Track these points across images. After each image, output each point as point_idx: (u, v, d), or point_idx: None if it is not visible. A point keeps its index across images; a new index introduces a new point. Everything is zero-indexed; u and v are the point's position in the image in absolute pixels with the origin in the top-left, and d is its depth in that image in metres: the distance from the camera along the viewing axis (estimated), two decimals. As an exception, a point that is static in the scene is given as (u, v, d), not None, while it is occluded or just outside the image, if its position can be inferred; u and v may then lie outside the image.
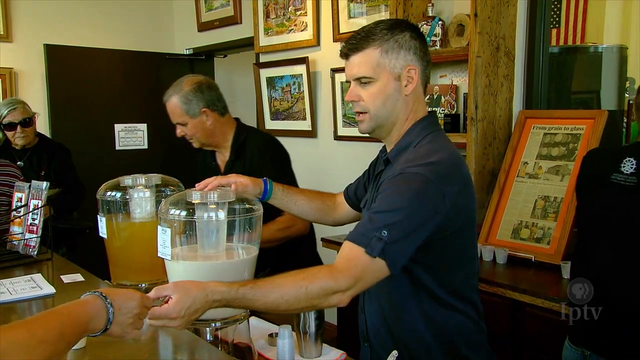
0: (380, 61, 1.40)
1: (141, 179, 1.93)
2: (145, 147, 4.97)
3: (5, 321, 1.52)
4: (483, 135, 2.68)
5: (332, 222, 1.86)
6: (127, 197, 1.90)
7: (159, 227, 1.52)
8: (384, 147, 1.56)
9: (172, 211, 1.51)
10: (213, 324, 1.48)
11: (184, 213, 1.51)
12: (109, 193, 1.90)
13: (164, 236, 1.50)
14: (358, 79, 1.43)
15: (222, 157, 2.33)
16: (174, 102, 2.20)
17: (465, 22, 2.80)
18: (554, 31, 4.52)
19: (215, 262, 1.51)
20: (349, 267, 1.28)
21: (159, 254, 1.52)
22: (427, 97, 2.98)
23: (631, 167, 1.62)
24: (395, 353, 1.20)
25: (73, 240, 3.40)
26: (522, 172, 2.65)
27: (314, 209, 1.81)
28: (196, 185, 1.59)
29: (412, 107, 1.46)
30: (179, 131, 2.26)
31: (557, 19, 4.57)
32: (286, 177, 2.15)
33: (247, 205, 1.56)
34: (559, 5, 4.15)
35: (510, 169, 2.67)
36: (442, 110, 2.93)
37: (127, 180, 1.92)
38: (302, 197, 1.80)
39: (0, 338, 0.86)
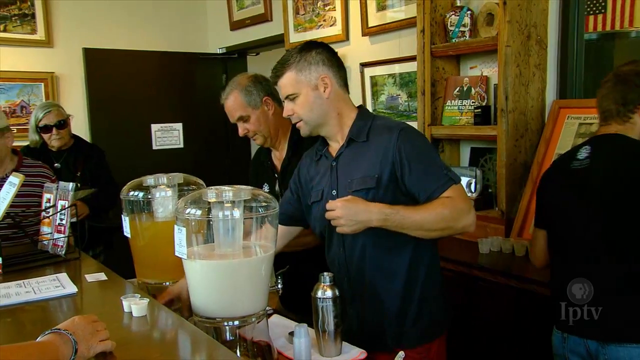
0: (298, 79, 1.73)
1: (163, 178, 1.94)
2: (181, 146, 5.04)
3: (30, 320, 1.57)
4: (514, 126, 2.59)
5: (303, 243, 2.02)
6: (150, 196, 1.92)
7: (175, 226, 1.52)
8: (323, 140, 1.85)
9: (188, 210, 1.51)
10: (232, 322, 1.48)
11: (199, 212, 1.50)
12: (131, 193, 1.91)
13: (180, 235, 1.51)
14: (287, 97, 1.76)
15: (279, 155, 2.29)
16: (235, 96, 2.18)
17: (494, 11, 2.72)
18: (600, 17, 4.35)
19: (232, 261, 1.50)
20: (457, 199, 1.62)
21: (176, 253, 1.53)
22: (457, 89, 2.91)
23: (586, 153, 1.84)
24: (402, 354, 1.17)
25: (109, 239, 3.48)
26: (556, 164, 2.55)
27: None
28: None
29: (339, 105, 1.77)
30: (241, 129, 2.21)
31: (602, 3, 4.39)
32: None
33: (264, 203, 1.55)
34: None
35: (543, 161, 2.58)
36: (472, 102, 2.84)
37: (149, 179, 1.93)
38: None
39: None
